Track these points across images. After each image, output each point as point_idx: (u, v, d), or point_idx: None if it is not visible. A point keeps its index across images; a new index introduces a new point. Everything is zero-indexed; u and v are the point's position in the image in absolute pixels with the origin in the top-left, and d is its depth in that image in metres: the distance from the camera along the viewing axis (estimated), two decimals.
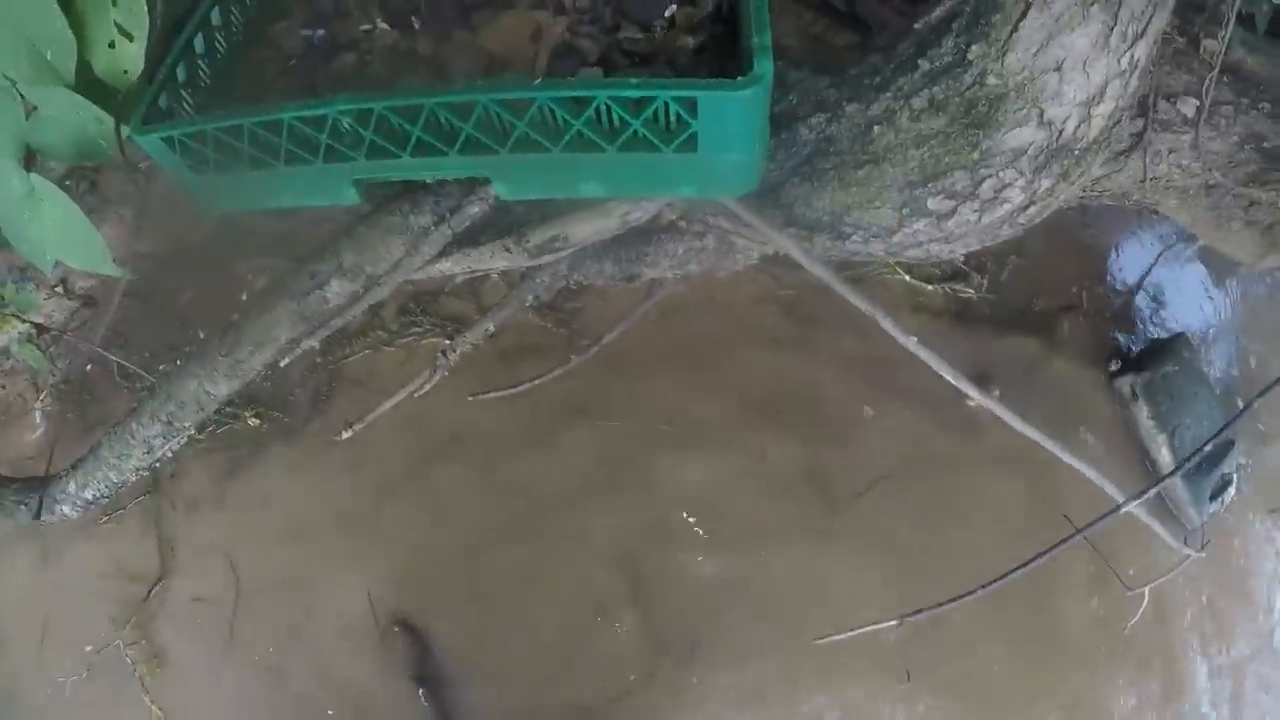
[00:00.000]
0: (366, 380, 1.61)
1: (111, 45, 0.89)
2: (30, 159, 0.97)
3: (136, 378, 1.60)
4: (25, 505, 1.22)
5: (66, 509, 1.22)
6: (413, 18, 1.04)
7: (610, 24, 1.00)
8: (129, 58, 0.90)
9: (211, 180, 0.95)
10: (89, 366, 1.70)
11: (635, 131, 0.81)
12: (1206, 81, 1.20)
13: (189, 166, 0.94)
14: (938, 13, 0.91)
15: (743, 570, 1.44)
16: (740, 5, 0.88)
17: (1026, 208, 0.92)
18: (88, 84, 0.88)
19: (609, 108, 0.79)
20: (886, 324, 0.95)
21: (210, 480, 1.60)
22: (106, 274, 1.06)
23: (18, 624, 1.55)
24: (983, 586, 0.98)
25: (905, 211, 0.90)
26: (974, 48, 0.87)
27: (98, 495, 1.20)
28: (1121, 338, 1.73)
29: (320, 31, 1.05)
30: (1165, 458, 1.43)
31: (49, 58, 0.84)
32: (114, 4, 0.88)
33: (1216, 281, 1.88)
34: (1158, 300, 1.88)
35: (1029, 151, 0.88)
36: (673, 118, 0.81)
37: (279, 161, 0.91)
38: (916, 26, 0.92)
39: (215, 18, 1.00)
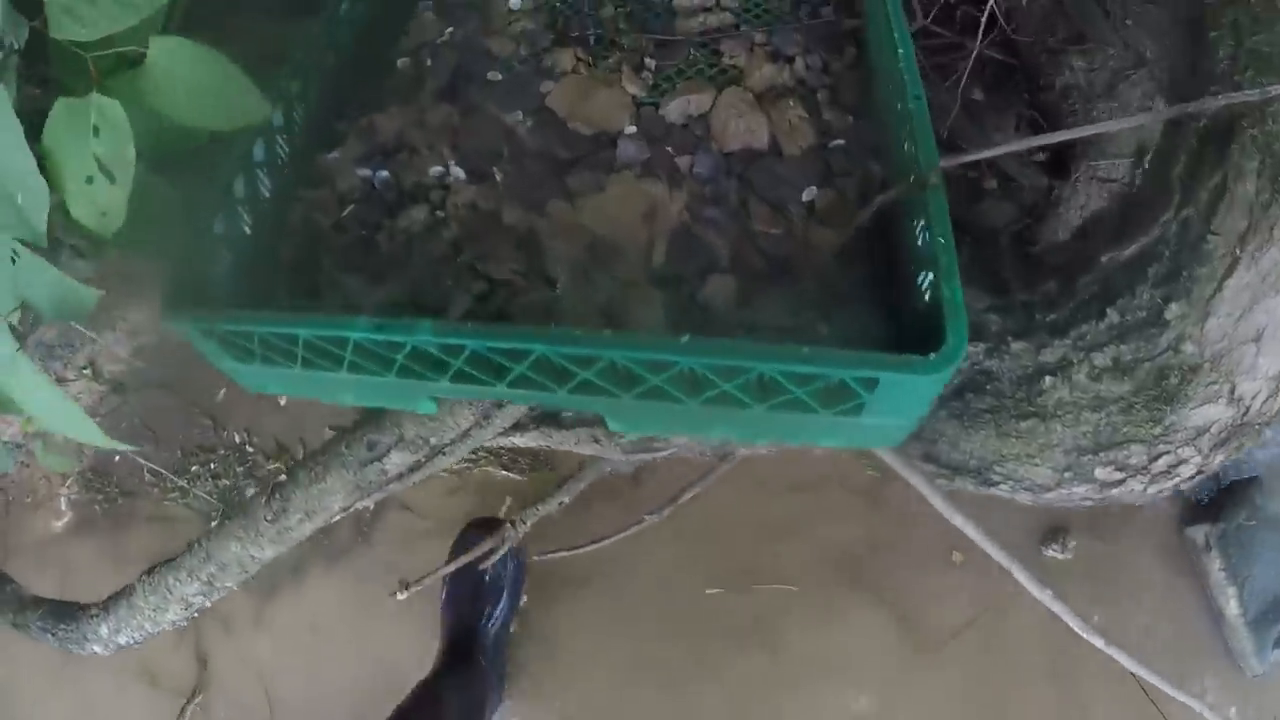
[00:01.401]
0: (413, 506, 1.47)
1: (89, 180, 0.72)
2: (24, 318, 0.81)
3: (165, 477, 1.45)
4: (53, 635, 1.10)
5: (98, 649, 1.11)
6: (494, 168, 0.87)
7: (736, 202, 0.85)
8: (111, 199, 0.73)
9: (258, 370, 0.79)
10: (116, 457, 1.54)
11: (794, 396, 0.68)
12: None
13: (231, 355, 0.78)
14: (1130, 251, 0.78)
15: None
16: (906, 222, 0.74)
17: (1192, 478, 0.83)
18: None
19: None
20: (1021, 576, 0.86)
21: (248, 598, 1.47)
22: (97, 445, 0.93)
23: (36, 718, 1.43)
24: None
25: (1067, 475, 0.80)
26: (1173, 305, 0.76)
27: (131, 641, 1.09)
28: (1195, 482, 1.65)
29: (383, 173, 0.87)
30: (1233, 610, 1.40)
31: (19, 203, 0.67)
32: (95, 133, 0.70)
33: None
34: None
35: (1211, 430, 0.78)
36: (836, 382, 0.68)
37: (341, 369, 0.75)
38: (1103, 260, 0.80)
39: (259, 153, 0.82)
